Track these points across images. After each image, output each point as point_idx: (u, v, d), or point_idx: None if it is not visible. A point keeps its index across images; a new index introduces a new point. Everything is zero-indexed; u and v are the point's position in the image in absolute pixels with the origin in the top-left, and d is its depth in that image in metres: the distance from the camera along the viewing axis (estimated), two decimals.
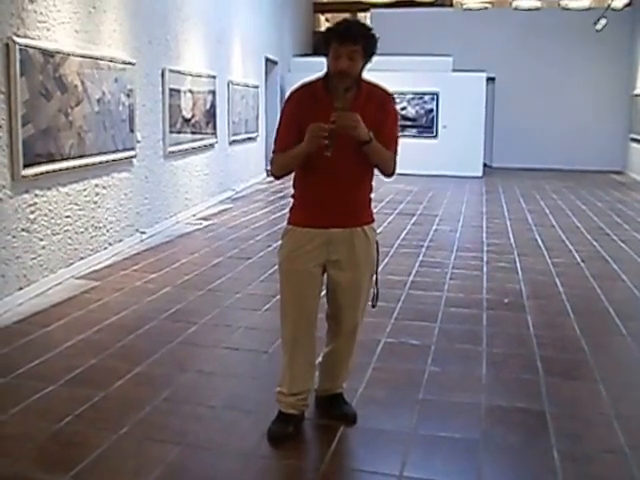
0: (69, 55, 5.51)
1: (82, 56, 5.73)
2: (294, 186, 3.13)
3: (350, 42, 2.79)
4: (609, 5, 13.53)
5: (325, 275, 3.12)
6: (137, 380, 3.75)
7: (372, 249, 3.10)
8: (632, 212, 9.96)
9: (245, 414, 3.40)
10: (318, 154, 2.83)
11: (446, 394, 3.64)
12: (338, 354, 3.27)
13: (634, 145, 14.67)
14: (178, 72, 8.16)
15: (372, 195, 3.18)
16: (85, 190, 6.02)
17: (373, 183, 3.15)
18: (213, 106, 9.59)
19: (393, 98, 3.09)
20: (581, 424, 3.33)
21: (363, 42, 2.82)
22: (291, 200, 3.18)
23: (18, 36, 4.87)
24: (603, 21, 13.74)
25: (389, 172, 3.06)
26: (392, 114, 3.04)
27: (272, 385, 3.63)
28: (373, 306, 3.25)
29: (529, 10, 14.61)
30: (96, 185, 6.22)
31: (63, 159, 5.50)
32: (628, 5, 13.74)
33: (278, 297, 5.28)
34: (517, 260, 6.77)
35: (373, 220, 3.15)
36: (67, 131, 5.55)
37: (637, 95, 14.57)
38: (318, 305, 3.15)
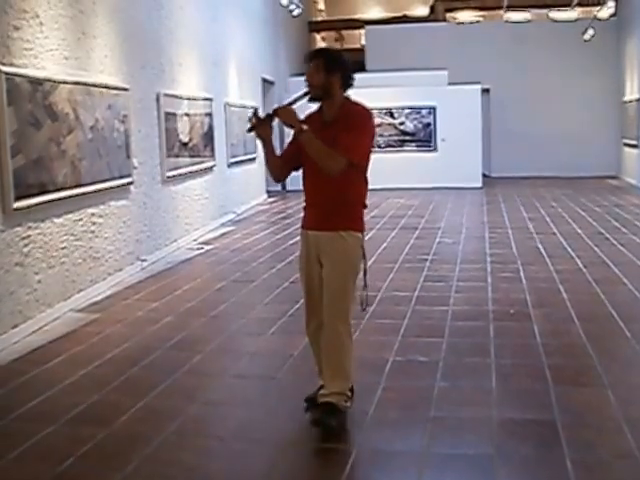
0: (59, 82, 5.41)
1: (72, 83, 5.63)
2: None
3: (313, 58, 3.33)
4: (595, 16, 13.72)
5: None
6: (142, 414, 3.61)
7: (352, 254, 3.35)
8: (629, 215, 9.96)
9: (255, 443, 3.28)
10: (304, 162, 3.36)
11: (457, 410, 3.58)
12: (322, 355, 3.45)
13: (627, 150, 14.76)
14: (173, 96, 8.08)
15: (364, 204, 3.42)
16: (81, 220, 5.89)
17: (373, 197, 3.41)
18: (210, 129, 9.52)
19: (367, 113, 3.38)
20: (592, 431, 3.32)
21: (323, 57, 3.31)
22: (301, 213, 3.57)
23: (3, 64, 4.76)
24: (591, 31, 13.96)
25: (324, 167, 3.25)
26: (352, 122, 3.29)
27: (281, 411, 3.60)
28: (363, 309, 3.59)
29: (520, 22, 14.73)
30: (92, 214, 6.10)
31: (57, 189, 5.37)
32: (613, 15, 13.95)
33: (283, 320, 5.25)
34: (520, 269, 6.70)
35: (358, 228, 3.39)
36: (60, 160, 5.43)
37: (626, 101, 14.68)
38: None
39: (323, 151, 3.24)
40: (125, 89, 6.69)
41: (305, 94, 3.35)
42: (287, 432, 3.38)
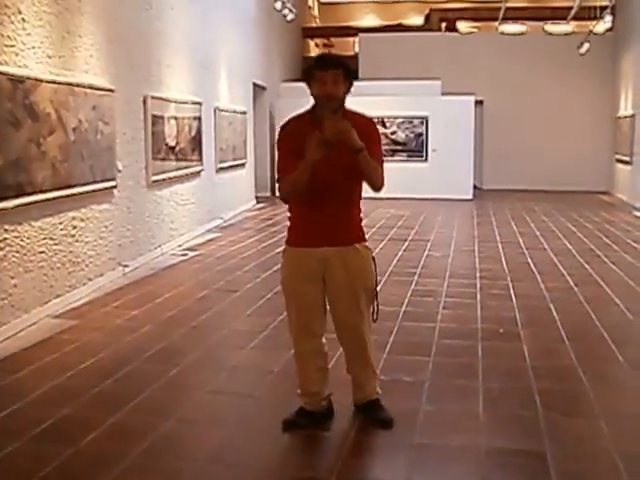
0: (41, 81, 5.24)
1: (55, 82, 5.47)
2: (289, 207, 3.35)
3: (332, 67, 3.15)
4: (591, 30, 13.69)
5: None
6: (112, 431, 3.44)
7: (367, 265, 3.32)
8: (620, 233, 9.86)
9: (230, 467, 3.12)
10: (314, 173, 3.09)
11: (442, 437, 3.41)
12: (351, 363, 3.50)
13: (619, 166, 14.72)
14: (161, 99, 7.92)
15: (361, 216, 3.37)
16: (61, 223, 5.72)
17: (362, 206, 3.35)
18: (199, 133, 9.35)
19: (374, 122, 3.41)
20: (584, 464, 3.16)
21: (343, 67, 3.18)
22: (287, 221, 3.38)
23: None
24: (586, 45, 13.91)
25: (379, 184, 3.23)
26: (376, 136, 3.32)
27: (258, 433, 3.45)
28: (374, 320, 3.44)
29: (515, 34, 14.68)
30: (73, 218, 5.93)
31: (35, 192, 5.20)
32: (609, 30, 13.92)
33: (265, 333, 5.10)
34: (510, 286, 6.56)
35: (365, 239, 3.38)
36: (40, 162, 5.26)
37: (621, 117, 14.65)
38: (322, 316, 3.38)
39: (374, 164, 3.18)
40: (111, 90, 6.52)
41: (333, 112, 3.16)
42: (263, 456, 3.22)
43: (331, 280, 3.27)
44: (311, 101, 3.24)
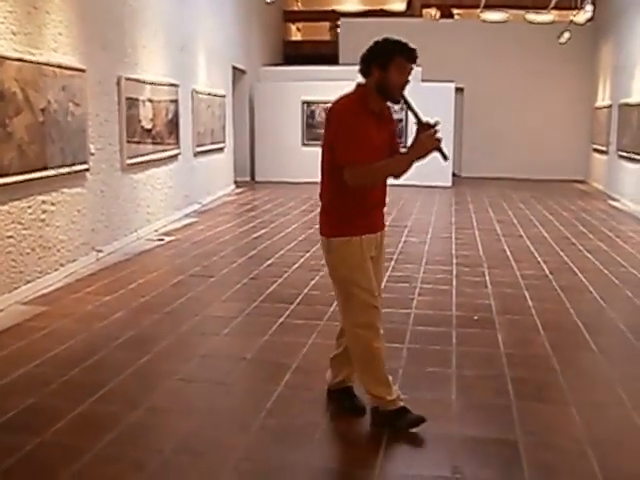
0: (5, 59, 5.06)
1: (21, 60, 5.29)
2: (338, 196, 3.24)
3: (414, 61, 3.33)
4: (572, 20, 13.66)
5: None
6: (79, 422, 3.36)
7: None
8: (596, 221, 9.90)
9: (197, 458, 3.05)
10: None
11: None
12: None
13: (596, 155, 14.81)
14: (136, 80, 7.76)
15: None
16: (30, 207, 5.58)
17: None
18: (176, 116, 9.20)
19: None
20: (555, 454, 3.14)
21: None
22: (329, 213, 3.36)
23: None
24: (567, 34, 13.91)
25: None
26: None
27: (228, 421, 3.35)
28: None
29: (496, 22, 14.59)
30: (43, 202, 5.79)
31: (1, 175, 5.05)
32: (590, 20, 13.89)
33: (239, 320, 5.02)
34: (486, 273, 6.55)
35: None
36: (5, 144, 5.11)
37: (598, 107, 14.70)
38: None
39: None
40: (82, 70, 6.34)
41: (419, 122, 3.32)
42: (232, 446, 3.15)
43: (377, 258, 3.41)
44: (296, 87, 3.21)
